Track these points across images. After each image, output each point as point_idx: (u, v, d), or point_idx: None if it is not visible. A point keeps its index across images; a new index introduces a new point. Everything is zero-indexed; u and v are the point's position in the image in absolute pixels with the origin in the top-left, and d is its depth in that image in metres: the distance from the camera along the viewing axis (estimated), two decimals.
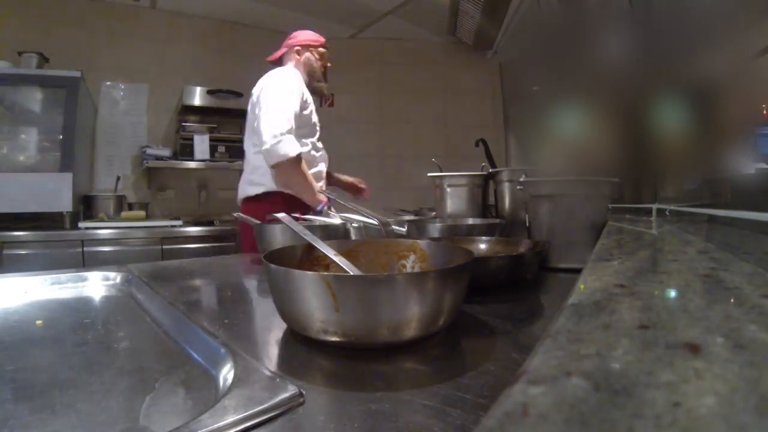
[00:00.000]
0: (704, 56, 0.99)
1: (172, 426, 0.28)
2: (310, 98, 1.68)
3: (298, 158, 1.50)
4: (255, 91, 1.63)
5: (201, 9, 3.09)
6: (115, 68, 2.91)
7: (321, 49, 1.78)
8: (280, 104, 1.51)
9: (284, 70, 1.65)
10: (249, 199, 1.67)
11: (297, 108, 1.55)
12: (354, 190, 1.97)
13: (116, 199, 2.72)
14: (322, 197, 1.53)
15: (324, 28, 3.46)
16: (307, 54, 1.75)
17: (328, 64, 1.80)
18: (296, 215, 1.08)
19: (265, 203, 1.56)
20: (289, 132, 1.48)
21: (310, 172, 1.59)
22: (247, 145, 1.70)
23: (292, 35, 1.80)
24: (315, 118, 1.70)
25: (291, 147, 1.47)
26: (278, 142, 1.46)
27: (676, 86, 1.13)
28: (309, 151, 1.62)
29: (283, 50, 1.80)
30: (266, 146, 1.46)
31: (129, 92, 2.97)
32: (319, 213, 1.41)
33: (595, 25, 1.61)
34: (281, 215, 0.75)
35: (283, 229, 0.98)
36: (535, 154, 2.65)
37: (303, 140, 1.58)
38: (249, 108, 1.67)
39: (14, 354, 0.46)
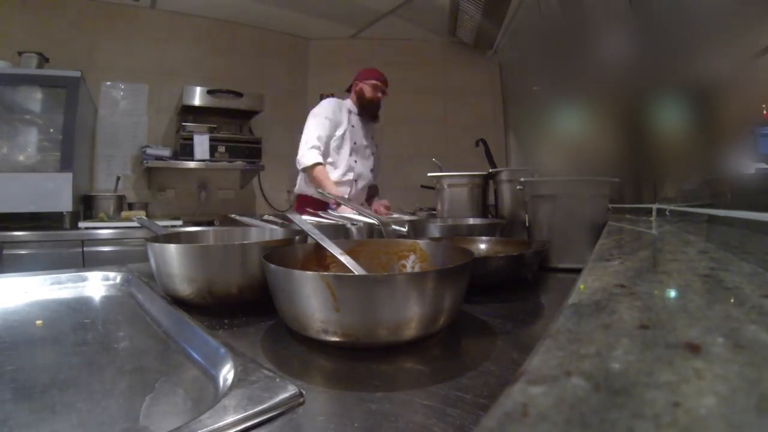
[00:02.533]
0: (704, 56, 0.99)
1: (172, 426, 0.28)
2: (342, 123, 2.14)
3: (314, 167, 1.99)
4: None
5: (201, 9, 3.09)
6: (115, 68, 2.91)
7: (372, 81, 2.18)
8: (307, 128, 2.08)
9: (324, 102, 2.19)
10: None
11: (324, 131, 2.06)
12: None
13: (116, 199, 2.71)
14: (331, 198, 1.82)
15: (324, 28, 3.48)
16: (361, 85, 2.20)
17: (379, 95, 2.19)
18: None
19: (301, 201, 2.15)
20: (313, 147, 2.02)
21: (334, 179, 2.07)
22: None
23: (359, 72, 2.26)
24: (346, 140, 2.14)
25: (309, 158, 2.01)
26: (302, 155, 2.03)
27: (676, 86, 1.13)
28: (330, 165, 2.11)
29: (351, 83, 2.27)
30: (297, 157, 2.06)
31: (129, 92, 2.97)
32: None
33: (595, 25, 1.61)
34: (291, 214, 0.75)
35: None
36: (535, 154, 2.66)
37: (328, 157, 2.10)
38: None
39: (14, 354, 0.46)
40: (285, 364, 0.41)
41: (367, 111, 2.21)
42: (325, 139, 2.06)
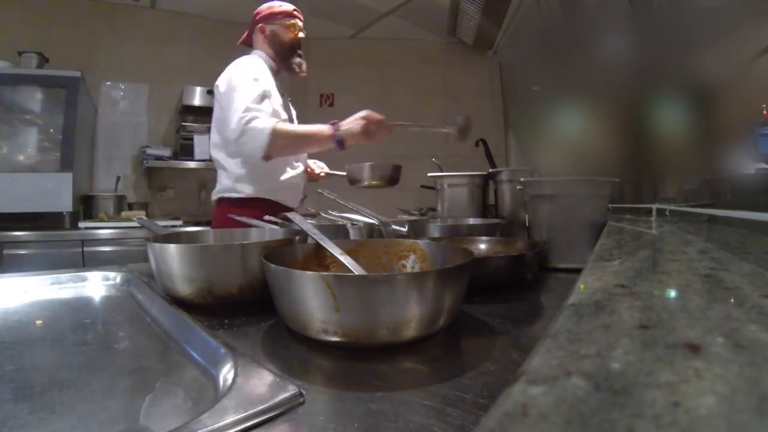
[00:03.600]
0: (704, 56, 0.99)
1: (172, 426, 0.28)
2: (274, 89, 1.48)
3: (275, 131, 1.30)
4: (220, 83, 1.45)
5: (201, 9, 3.09)
6: (115, 68, 2.91)
7: (287, 20, 1.52)
8: (243, 91, 1.35)
9: (247, 59, 1.50)
10: (231, 202, 1.50)
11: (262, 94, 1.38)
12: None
13: (116, 199, 2.72)
14: (329, 130, 1.35)
15: (324, 28, 3.48)
16: (272, 28, 1.53)
17: (300, 35, 1.53)
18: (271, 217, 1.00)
19: (247, 209, 1.38)
20: (257, 112, 1.32)
21: (284, 173, 1.49)
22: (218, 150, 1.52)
23: (257, 11, 1.57)
24: (282, 112, 1.49)
25: (263, 125, 1.29)
26: (245, 130, 1.29)
27: (676, 86, 1.13)
28: None
29: (249, 31, 1.60)
30: (236, 136, 1.30)
31: (129, 92, 2.97)
32: (340, 145, 1.35)
33: (595, 25, 1.61)
34: (291, 214, 0.75)
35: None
36: (535, 154, 2.66)
37: None
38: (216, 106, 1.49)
39: (14, 354, 0.46)
40: (285, 364, 0.41)
41: (290, 61, 1.55)
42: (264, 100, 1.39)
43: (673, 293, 0.28)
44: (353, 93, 3.60)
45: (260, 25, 1.56)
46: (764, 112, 0.86)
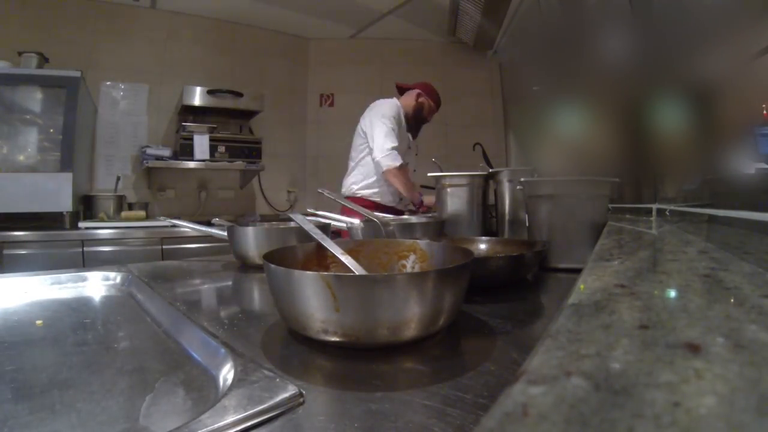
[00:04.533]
0: (704, 56, 0.99)
1: (172, 426, 0.28)
2: (402, 126, 2.24)
3: (400, 167, 2.06)
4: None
5: (201, 9, 3.09)
6: (115, 68, 2.91)
7: (435, 106, 2.35)
8: (380, 130, 2.11)
9: (389, 104, 2.26)
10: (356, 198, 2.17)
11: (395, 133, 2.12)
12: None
13: (116, 199, 2.71)
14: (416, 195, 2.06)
15: (324, 28, 3.48)
16: (426, 101, 2.33)
17: (429, 119, 2.38)
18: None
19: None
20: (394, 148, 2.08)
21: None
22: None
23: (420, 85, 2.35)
24: (403, 143, 2.22)
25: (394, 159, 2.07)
26: (383, 155, 2.05)
27: (676, 86, 1.13)
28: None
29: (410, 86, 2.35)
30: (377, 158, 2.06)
31: (129, 92, 2.97)
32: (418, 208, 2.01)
33: (595, 25, 1.61)
34: (292, 213, 0.75)
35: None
36: (535, 154, 2.66)
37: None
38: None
39: (14, 354, 0.46)
40: (285, 364, 0.41)
41: (416, 123, 2.33)
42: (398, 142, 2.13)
43: (673, 293, 0.28)
44: (353, 93, 3.60)
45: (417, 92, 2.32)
46: (764, 112, 0.86)
